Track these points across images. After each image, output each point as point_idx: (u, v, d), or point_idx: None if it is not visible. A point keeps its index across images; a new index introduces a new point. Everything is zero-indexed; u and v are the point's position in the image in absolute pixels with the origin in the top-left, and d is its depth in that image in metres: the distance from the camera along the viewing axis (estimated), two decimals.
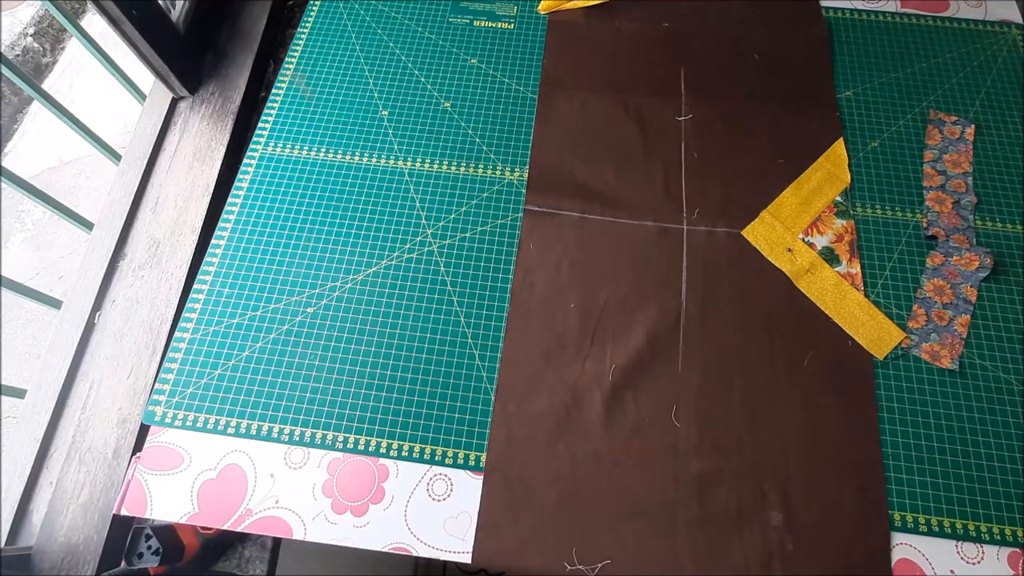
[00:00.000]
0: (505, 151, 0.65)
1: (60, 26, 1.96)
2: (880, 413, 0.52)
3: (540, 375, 0.54)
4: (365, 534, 0.49)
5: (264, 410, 0.53)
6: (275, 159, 0.65)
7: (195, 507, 0.50)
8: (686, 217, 0.61)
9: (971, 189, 0.61)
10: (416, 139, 0.66)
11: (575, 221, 0.61)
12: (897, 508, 0.49)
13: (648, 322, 0.56)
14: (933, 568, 0.48)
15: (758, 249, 0.59)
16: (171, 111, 0.73)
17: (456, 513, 0.50)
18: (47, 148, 1.92)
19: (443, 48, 0.71)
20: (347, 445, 0.52)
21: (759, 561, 0.47)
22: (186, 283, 0.62)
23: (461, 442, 0.52)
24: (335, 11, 0.74)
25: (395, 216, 0.61)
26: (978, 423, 0.52)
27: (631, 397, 0.53)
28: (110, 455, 0.56)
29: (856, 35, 0.71)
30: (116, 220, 0.66)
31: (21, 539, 0.54)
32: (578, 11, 0.73)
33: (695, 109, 0.66)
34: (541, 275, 0.58)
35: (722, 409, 0.52)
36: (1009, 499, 0.49)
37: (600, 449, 0.51)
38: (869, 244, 0.59)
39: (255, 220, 0.62)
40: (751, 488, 0.50)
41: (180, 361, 0.55)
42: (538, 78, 0.69)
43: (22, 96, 1.99)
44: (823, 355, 0.54)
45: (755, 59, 0.69)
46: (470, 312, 0.57)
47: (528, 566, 0.48)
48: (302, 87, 0.69)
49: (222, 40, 0.77)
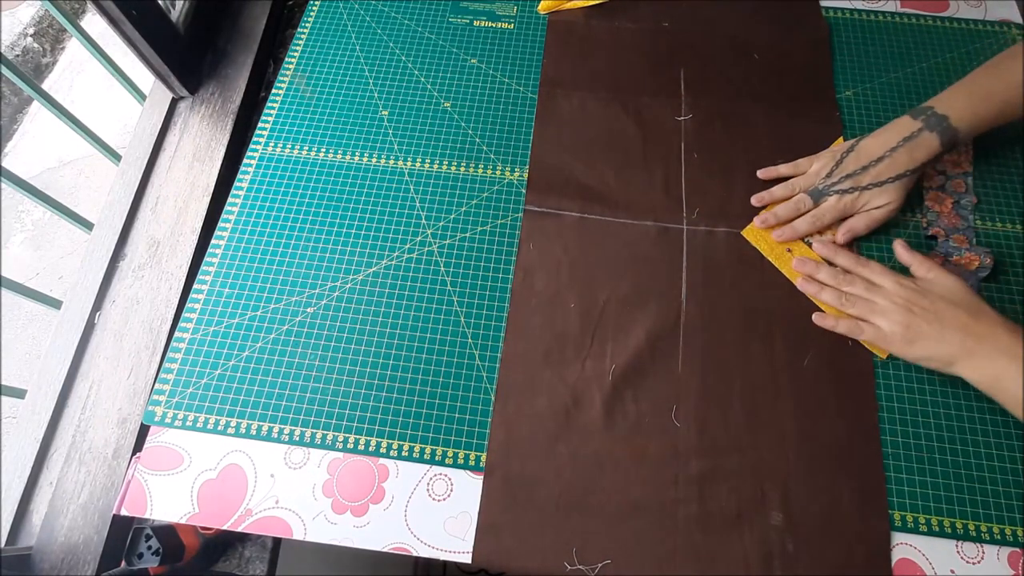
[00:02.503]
0: (505, 151, 0.65)
1: (60, 26, 1.96)
2: (880, 413, 0.52)
3: (540, 375, 0.54)
4: (365, 534, 0.49)
5: (264, 410, 0.53)
6: (275, 159, 0.65)
7: (195, 507, 0.50)
8: (686, 217, 0.61)
9: (971, 189, 0.61)
10: (416, 139, 0.66)
11: (575, 221, 0.61)
12: (897, 508, 0.49)
13: (648, 322, 0.56)
14: (933, 568, 0.48)
15: (758, 249, 0.59)
16: (171, 111, 0.73)
17: (456, 513, 0.50)
18: (47, 148, 1.92)
19: (443, 48, 0.71)
20: (347, 445, 0.52)
21: (759, 561, 0.47)
22: (186, 283, 0.62)
23: (461, 442, 0.52)
24: (335, 11, 0.74)
25: (395, 216, 0.61)
26: (978, 423, 0.52)
27: (631, 397, 0.53)
28: (110, 455, 0.56)
29: (856, 35, 0.71)
30: (116, 220, 0.66)
31: (21, 539, 0.54)
32: (578, 11, 0.73)
33: (695, 109, 0.66)
34: (541, 275, 0.58)
35: (722, 409, 0.52)
36: (1009, 499, 0.49)
37: (600, 449, 0.51)
38: (869, 244, 0.59)
39: (255, 220, 0.62)
40: (751, 488, 0.50)
41: (180, 361, 0.55)
42: (538, 78, 0.69)
43: (22, 96, 2.00)
44: (823, 355, 0.54)
45: (755, 59, 0.69)
46: (470, 312, 0.57)
47: (528, 566, 0.48)
48: (302, 87, 0.69)
49: (222, 40, 0.77)
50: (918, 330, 0.50)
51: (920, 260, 0.54)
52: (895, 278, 0.53)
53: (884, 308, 0.52)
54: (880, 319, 0.52)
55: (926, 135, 0.55)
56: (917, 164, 0.56)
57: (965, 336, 0.49)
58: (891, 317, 0.51)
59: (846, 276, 0.55)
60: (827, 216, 0.58)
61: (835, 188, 0.57)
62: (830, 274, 0.56)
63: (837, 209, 0.57)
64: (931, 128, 0.55)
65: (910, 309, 0.51)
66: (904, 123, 0.57)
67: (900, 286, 0.52)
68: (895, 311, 0.51)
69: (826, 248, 0.57)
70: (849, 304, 0.54)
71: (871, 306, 0.53)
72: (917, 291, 0.52)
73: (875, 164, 0.56)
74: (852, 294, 0.54)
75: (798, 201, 0.59)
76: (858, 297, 0.54)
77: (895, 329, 0.51)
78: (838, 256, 0.57)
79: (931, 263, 0.54)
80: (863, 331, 0.53)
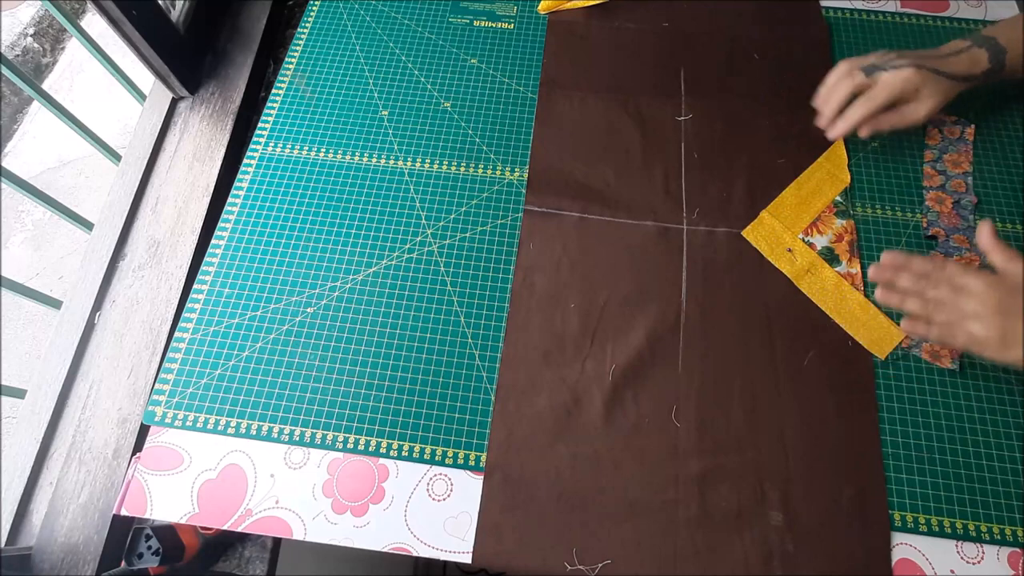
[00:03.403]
0: (505, 151, 0.65)
1: (60, 26, 1.96)
2: (880, 413, 0.52)
3: (540, 375, 0.54)
4: (365, 534, 0.49)
5: (264, 410, 0.53)
6: (275, 159, 0.65)
7: (195, 507, 0.50)
8: (686, 217, 0.61)
9: (971, 189, 0.61)
10: (416, 139, 0.66)
11: (575, 221, 0.61)
12: (897, 508, 0.49)
13: (648, 322, 0.56)
14: (933, 568, 0.48)
15: (758, 249, 0.59)
16: (171, 111, 0.73)
17: (456, 513, 0.50)
18: (47, 148, 1.92)
19: (443, 48, 0.71)
20: (347, 445, 0.52)
21: (759, 561, 0.47)
22: (186, 283, 0.62)
23: (461, 442, 0.52)
24: (335, 11, 0.74)
25: (395, 216, 0.61)
26: (978, 423, 0.52)
27: (631, 397, 0.53)
28: (110, 455, 0.56)
29: (856, 35, 0.71)
30: (116, 220, 0.66)
31: (21, 539, 0.54)
32: (578, 11, 0.73)
33: (695, 109, 0.66)
34: (541, 275, 0.58)
35: (722, 409, 0.52)
36: (1009, 499, 0.49)
37: (600, 449, 0.51)
38: (869, 244, 0.59)
39: (255, 220, 0.62)
40: (751, 488, 0.50)
41: (180, 361, 0.55)
42: (538, 78, 0.69)
43: (22, 96, 1.99)
44: (823, 355, 0.54)
45: (755, 59, 0.69)
46: (470, 312, 0.57)
47: (528, 566, 0.48)
48: (302, 87, 0.69)
49: (222, 40, 0.77)
50: (1013, 333, 0.46)
51: (1002, 248, 0.49)
52: (981, 278, 0.49)
53: (976, 312, 0.48)
54: (972, 325, 0.48)
55: (975, 51, 0.57)
56: (970, 73, 0.57)
57: None
58: (984, 322, 0.47)
59: (930, 279, 0.50)
60: (880, 95, 0.56)
61: (893, 64, 0.56)
62: (912, 280, 0.51)
63: (891, 85, 0.55)
64: (979, 44, 0.57)
65: (1004, 311, 0.47)
66: (955, 42, 0.59)
67: (988, 287, 0.48)
68: (989, 315, 0.47)
69: (899, 257, 0.52)
70: (937, 312, 0.49)
71: (961, 312, 0.48)
72: (1007, 289, 0.48)
73: (933, 56, 0.57)
74: (939, 300, 0.49)
75: (850, 76, 0.57)
76: (945, 303, 0.49)
77: (991, 335, 0.47)
78: (912, 263, 0.51)
79: (1014, 252, 0.49)
80: (956, 338, 0.49)
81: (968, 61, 0.57)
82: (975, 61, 0.57)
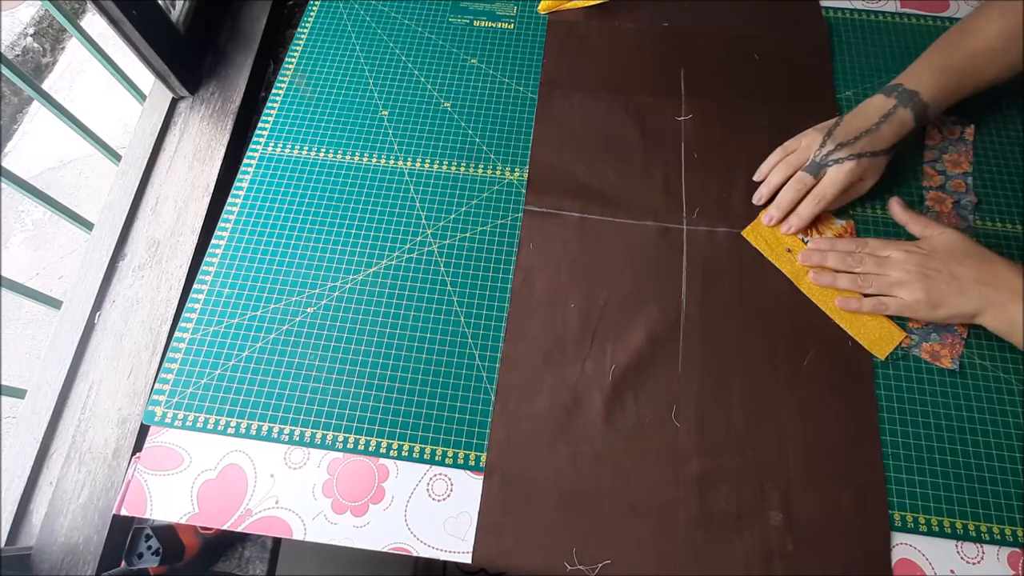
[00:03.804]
0: (505, 151, 0.65)
1: (60, 26, 1.96)
2: (880, 413, 0.52)
3: (540, 375, 0.54)
4: (365, 534, 0.49)
5: (264, 410, 0.53)
6: (275, 159, 0.65)
7: (195, 507, 0.50)
8: (686, 217, 0.61)
9: (971, 189, 0.61)
10: (416, 139, 0.66)
11: (575, 221, 0.61)
12: (897, 508, 0.49)
13: (648, 322, 0.56)
14: (933, 568, 0.48)
15: (758, 249, 0.59)
16: (171, 111, 0.73)
17: (456, 513, 0.50)
18: (47, 148, 1.92)
19: (443, 48, 0.71)
20: (347, 445, 0.52)
21: (759, 561, 0.47)
22: (186, 283, 0.62)
23: (461, 442, 0.52)
24: (335, 11, 0.74)
25: (395, 216, 0.61)
26: (978, 423, 0.52)
27: (631, 397, 0.53)
28: (110, 455, 0.56)
29: (856, 35, 0.71)
30: (116, 220, 0.66)
31: (21, 539, 0.54)
32: (578, 11, 0.73)
33: (695, 109, 0.66)
34: (541, 275, 0.58)
35: (722, 409, 0.52)
36: (1009, 499, 0.49)
37: (600, 449, 0.51)
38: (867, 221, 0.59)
39: (255, 220, 0.62)
40: (751, 488, 0.50)
41: (180, 361, 0.55)
42: (538, 78, 0.69)
43: (22, 96, 2.00)
44: (823, 355, 0.54)
45: (755, 59, 0.69)
46: (470, 312, 0.57)
47: (528, 566, 0.48)
48: (302, 87, 0.69)
49: (222, 40, 0.77)
50: (939, 292, 0.51)
51: (915, 218, 0.55)
52: (900, 246, 0.54)
53: (900, 279, 0.52)
54: (900, 291, 0.52)
55: (901, 111, 0.57)
56: (899, 139, 0.57)
57: (982, 287, 0.50)
58: (910, 287, 0.52)
59: (854, 256, 0.55)
60: (829, 191, 0.57)
61: (832, 157, 0.57)
62: (839, 259, 0.56)
63: (838, 181, 0.56)
64: (904, 104, 0.57)
65: (925, 274, 0.52)
66: (878, 101, 0.58)
67: (908, 253, 0.53)
68: (912, 279, 0.52)
69: (824, 242, 0.58)
70: (866, 284, 0.54)
71: (887, 280, 0.53)
72: (925, 254, 0.53)
73: (865, 135, 0.57)
74: (866, 273, 0.54)
75: (798, 180, 0.58)
76: (872, 275, 0.54)
77: (917, 296, 0.51)
78: (838, 244, 0.57)
79: (926, 220, 0.55)
80: (887, 306, 0.53)
81: (897, 125, 0.57)
82: (902, 123, 0.57)
